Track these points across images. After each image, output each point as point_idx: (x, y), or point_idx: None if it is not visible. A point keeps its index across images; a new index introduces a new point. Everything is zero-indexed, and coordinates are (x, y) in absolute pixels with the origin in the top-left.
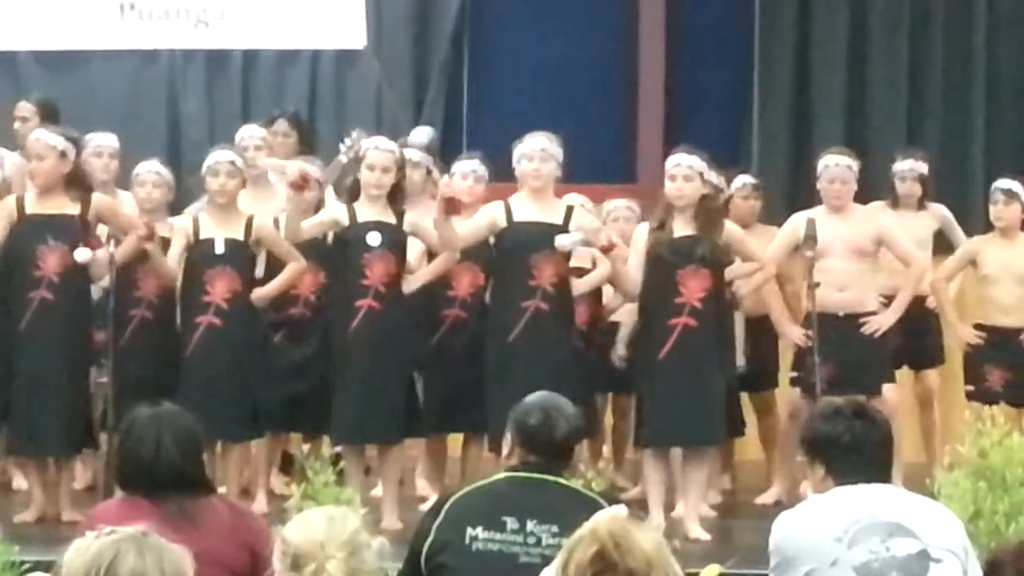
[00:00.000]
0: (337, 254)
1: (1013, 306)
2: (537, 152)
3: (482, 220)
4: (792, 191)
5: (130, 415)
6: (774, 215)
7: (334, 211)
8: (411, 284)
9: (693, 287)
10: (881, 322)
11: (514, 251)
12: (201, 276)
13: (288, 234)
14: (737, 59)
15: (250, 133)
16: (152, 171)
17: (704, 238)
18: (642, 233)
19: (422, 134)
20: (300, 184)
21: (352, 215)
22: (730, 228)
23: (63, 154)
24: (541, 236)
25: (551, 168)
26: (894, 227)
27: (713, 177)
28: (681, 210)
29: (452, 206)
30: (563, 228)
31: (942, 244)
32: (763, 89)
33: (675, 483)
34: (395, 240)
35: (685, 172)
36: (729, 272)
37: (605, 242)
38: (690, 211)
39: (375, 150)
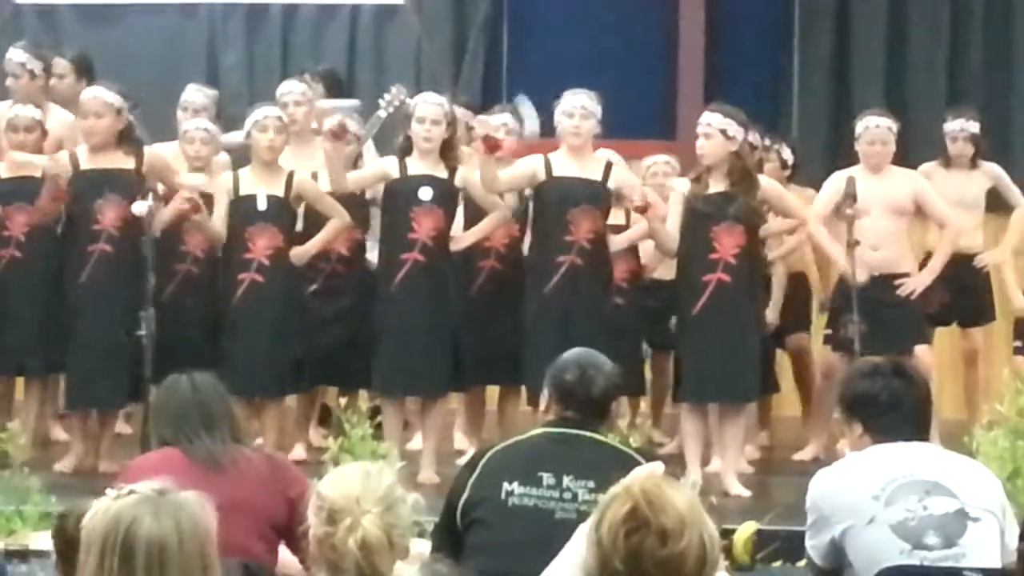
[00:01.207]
0: (385, 206)
1: None
2: (578, 109)
3: (523, 170)
4: (831, 151)
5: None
6: (813, 175)
7: (384, 164)
8: (459, 244)
9: (727, 243)
10: (916, 283)
11: (552, 206)
12: (243, 232)
13: (333, 185)
14: (778, 16)
15: (290, 88)
16: (200, 128)
17: (737, 195)
18: (680, 189)
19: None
20: (338, 133)
21: (403, 168)
22: (768, 185)
23: (119, 111)
24: (579, 192)
25: (591, 125)
26: (930, 188)
27: (749, 135)
28: (717, 167)
29: (493, 143)
30: (602, 184)
31: (996, 203)
32: (803, 48)
33: (712, 439)
34: (445, 195)
35: (705, 130)
36: (765, 229)
37: (640, 201)
38: (724, 168)
39: (424, 103)
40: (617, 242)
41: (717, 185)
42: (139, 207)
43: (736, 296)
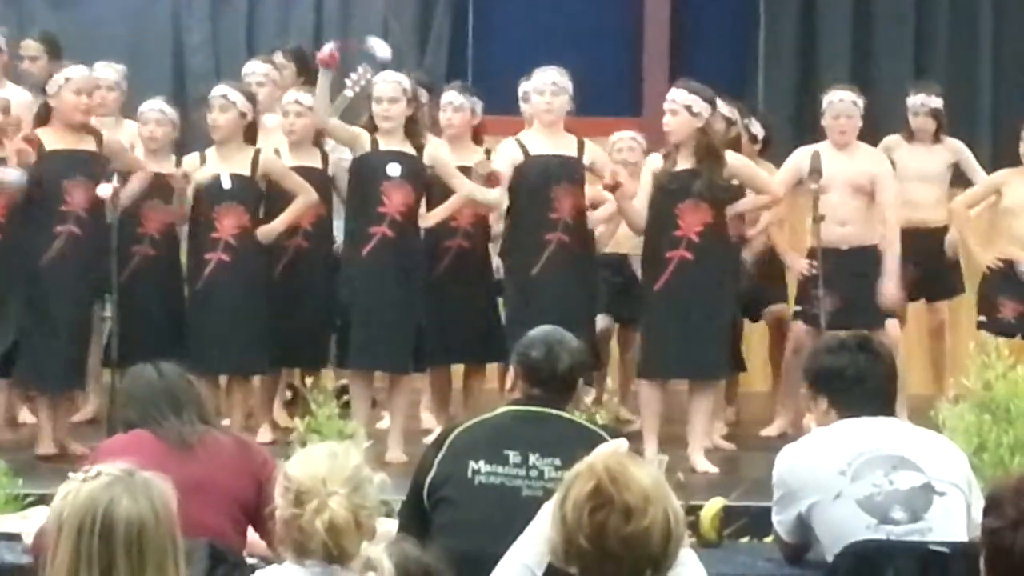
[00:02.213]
0: (354, 181)
1: None
2: (548, 86)
3: (505, 164)
4: (797, 125)
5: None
6: (779, 149)
7: (361, 132)
8: (428, 221)
9: (691, 221)
10: (890, 295)
11: (533, 185)
12: (209, 212)
13: (317, 113)
14: None
15: (253, 69)
16: (155, 109)
17: (702, 172)
18: (650, 166)
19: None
20: (328, 61)
21: (374, 143)
22: (736, 161)
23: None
24: (559, 169)
25: (563, 101)
26: (888, 175)
27: (726, 110)
28: (684, 144)
29: (494, 179)
30: (578, 160)
31: (961, 179)
32: (769, 22)
33: (678, 416)
34: (414, 172)
35: (671, 106)
36: (739, 206)
37: (611, 180)
38: (691, 145)
39: (381, 82)
40: (595, 218)
41: (684, 162)
42: (104, 189)
43: (699, 274)
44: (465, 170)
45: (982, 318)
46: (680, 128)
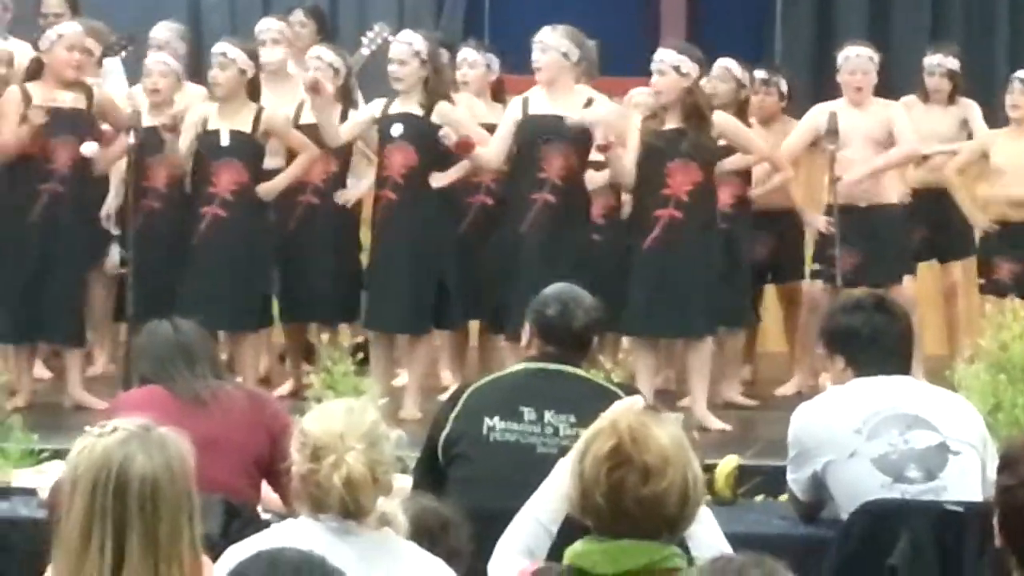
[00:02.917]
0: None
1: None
2: (537, 43)
3: (507, 123)
4: (815, 86)
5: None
6: (798, 109)
7: (371, 108)
8: (440, 180)
9: (680, 179)
10: (851, 178)
11: (524, 143)
12: (207, 168)
13: (329, 140)
14: None
15: (267, 26)
16: (159, 61)
17: (689, 132)
18: (636, 125)
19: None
20: (315, 87)
21: (386, 108)
22: (722, 120)
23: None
24: (550, 128)
25: (552, 59)
26: (903, 115)
27: (738, 73)
28: (672, 104)
29: (466, 145)
30: (574, 120)
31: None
32: None
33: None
34: (417, 132)
35: (659, 67)
36: (725, 164)
37: (602, 140)
38: (679, 104)
39: (395, 43)
40: (594, 179)
41: (672, 122)
42: (88, 147)
43: (688, 232)
44: (488, 128)
45: (981, 281)
46: (669, 88)
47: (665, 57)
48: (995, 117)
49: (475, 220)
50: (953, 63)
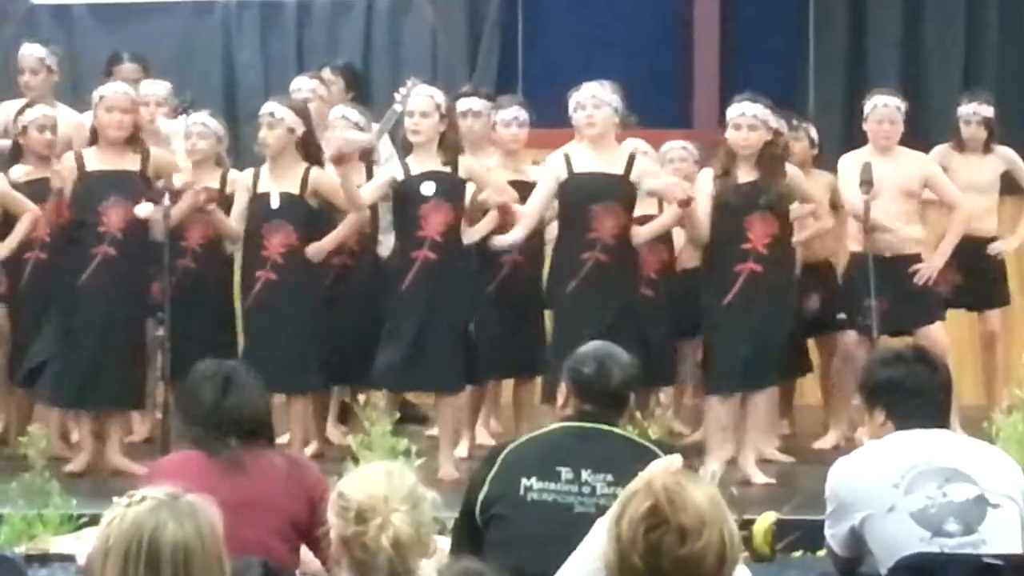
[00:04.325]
0: (394, 207)
1: None
2: (589, 99)
3: (548, 181)
4: (847, 135)
5: (195, 367)
6: (829, 159)
7: (390, 170)
8: (471, 236)
9: (760, 233)
10: (929, 269)
11: (574, 202)
12: (259, 230)
13: (354, 206)
14: (792, 1)
15: (300, 85)
16: (198, 122)
17: (769, 184)
18: (706, 179)
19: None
20: (339, 159)
21: (406, 168)
22: (792, 172)
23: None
24: (601, 187)
25: (605, 115)
26: (939, 171)
27: (773, 121)
28: (745, 157)
29: (506, 211)
30: (624, 177)
31: (1011, 186)
32: (818, 32)
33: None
34: (450, 189)
35: (750, 121)
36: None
37: (682, 195)
38: (753, 157)
39: (413, 96)
40: (640, 234)
41: (745, 175)
42: (143, 209)
43: (767, 286)
44: (522, 184)
45: None
46: (758, 142)
47: (758, 113)
48: None
49: (506, 279)
50: (988, 111)
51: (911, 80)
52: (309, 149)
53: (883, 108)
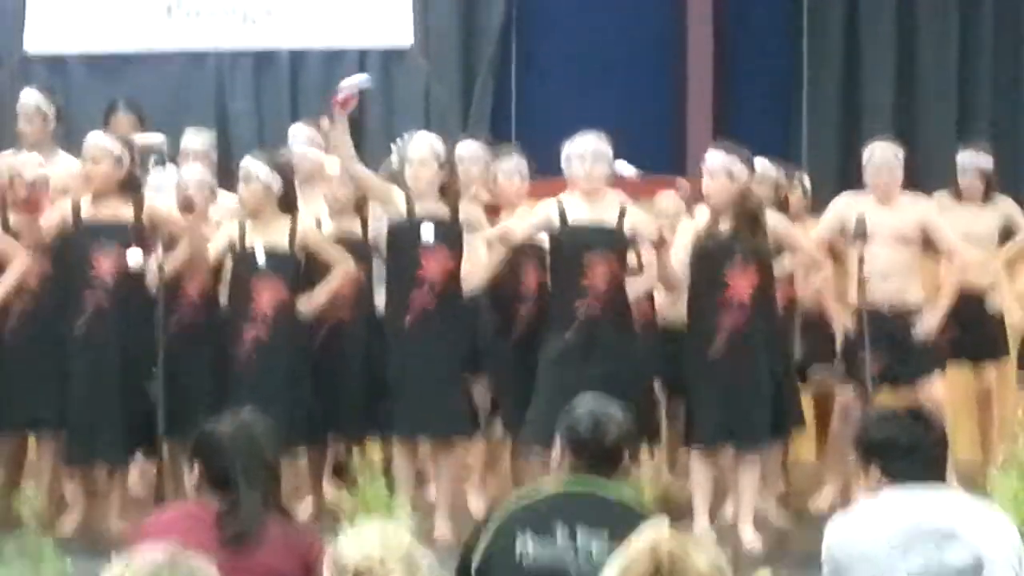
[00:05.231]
0: (390, 245)
1: None
2: (589, 153)
3: (539, 220)
4: (841, 182)
5: (216, 418)
6: (823, 207)
7: (396, 191)
8: (471, 284)
9: (741, 284)
10: (929, 327)
11: (567, 252)
12: (246, 285)
13: (345, 163)
14: (786, 49)
15: (297, 133)
16: (193, 172)
17: (743, 236)
18: (687, 228)
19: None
20: (344, 104)
21: (410, 206)
22: (775, 221)
23: (119, 159)
24: (594, 237)
25: (602, 169)
26: (937, 217)
27: (774, 173)
28: (724, 208)
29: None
30: (616, 228)
31: (1010, 237)
32: (812, 79)
33: (727, 485)
34: (449, 234)
35: (713, 169)
36: (779, 268)
37: (656, 238)
38: (731, 210)
39: (412, 144)
40: (635, 288)
41: (725, 225)
42: (133, 257)
43: (750, 337)
44: None
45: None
46: (719, 192)
47: (715, 160)
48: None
49: (522, 331)
50: (986, 161)
51: (905, 127)
52: (290, 202)
53: (881, 157)
